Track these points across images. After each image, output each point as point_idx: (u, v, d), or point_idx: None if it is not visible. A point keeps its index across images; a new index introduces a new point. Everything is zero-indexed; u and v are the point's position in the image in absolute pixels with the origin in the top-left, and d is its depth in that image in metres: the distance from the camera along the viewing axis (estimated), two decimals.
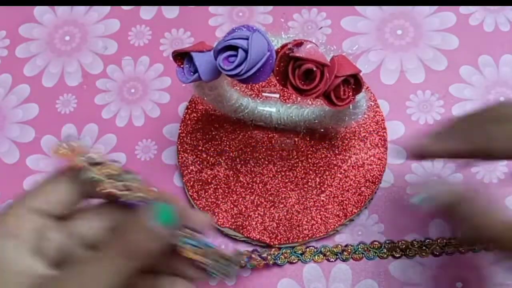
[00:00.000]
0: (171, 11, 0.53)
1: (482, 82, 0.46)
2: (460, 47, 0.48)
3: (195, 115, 0.47)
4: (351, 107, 0.35)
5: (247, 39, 0.31)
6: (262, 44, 0.31)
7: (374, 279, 0.41)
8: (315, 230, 0.42)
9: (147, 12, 0.53)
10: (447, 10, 0.49)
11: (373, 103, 0.45)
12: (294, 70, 0.32)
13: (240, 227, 0.43)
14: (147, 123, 0.49)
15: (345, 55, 0.34)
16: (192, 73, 0.34)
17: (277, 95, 0.44)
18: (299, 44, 0.32)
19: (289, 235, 0.42)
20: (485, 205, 0.32)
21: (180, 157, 0.46)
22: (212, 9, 0.52)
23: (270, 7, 0.52)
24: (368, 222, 0.43)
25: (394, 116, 0.46)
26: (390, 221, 0.43)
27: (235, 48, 0.31)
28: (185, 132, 0.46)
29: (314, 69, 0.32)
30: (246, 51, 0.31)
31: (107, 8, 0.54)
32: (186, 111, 0.47)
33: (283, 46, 0.32)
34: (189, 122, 0.46)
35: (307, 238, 0.42)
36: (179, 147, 0.46)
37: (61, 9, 0.55)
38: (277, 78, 0.33)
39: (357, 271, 0.42)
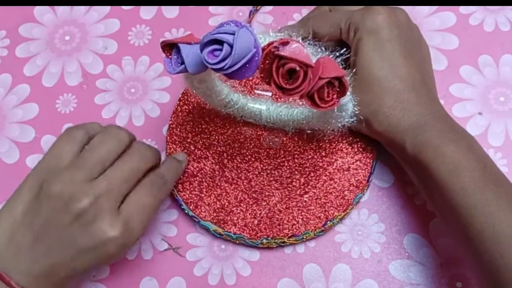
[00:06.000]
0: (171, 11, 0.53)
1: (482, 82, 0.46)
2: (460, 47, 0.48)
3: (186, 107, 0.47)
4: (336, 110, 0.35)
5: (234, 34, 0.31)
6: (249, 40, 0.31)
7: (374, 279, 0.41)
8: (295, 230, 0.42)
9: (147, 12, 0.53)
10: (447, 10, 0.49)
11: None
12: (278, 69, 0.32)
13: (221, 222, 0.43)
14: (147, 122, 0.49)
15: (331, 57, 0.34)
16: (179, 65, 0.34)
17: (270, 93, 0.44)
18: (285, 43, 0.32)
19: (269, 233, 0.42)
20: None
21: (168, 148, 0.46)
22: (212, 9, 0.52)
23: (270, 7, 0.52)
24: (368, 222, 0.43)
25: None
26: (390, 221, 0.43)
27: (221, 42, 0.31)
28: (175, 123, 0.46)
29: (297, 68, 0.32)
30: (231, 46, 0.31)
31: (107, 8, 0.54)
32: (178, 102, 0.47)
33: (269, 44, 0.32)
34: (180, 114, 0.47)
35: (286, 237, 0.42)
36: (168, 137, 0.46)
37: (61, 9, 0.55)
38: (262, 75, 0.33)
39: (357, 271, 0.42)
